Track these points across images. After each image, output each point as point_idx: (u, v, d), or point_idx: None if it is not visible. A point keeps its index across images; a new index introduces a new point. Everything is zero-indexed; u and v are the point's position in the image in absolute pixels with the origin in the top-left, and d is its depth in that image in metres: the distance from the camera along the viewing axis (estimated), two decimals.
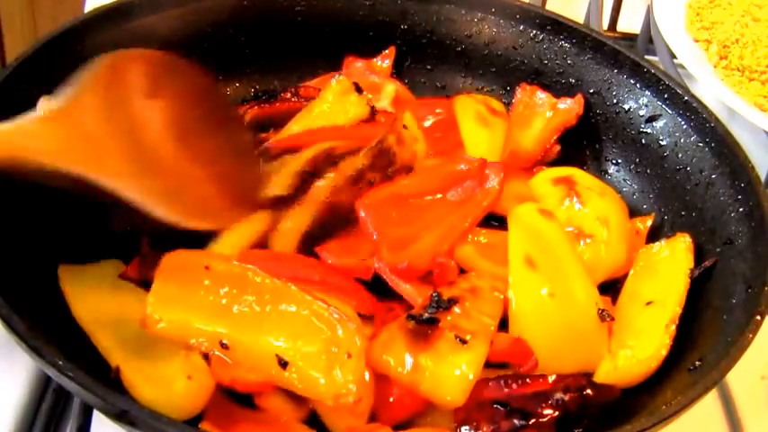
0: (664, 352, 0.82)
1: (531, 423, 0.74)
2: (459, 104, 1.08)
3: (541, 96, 1.08)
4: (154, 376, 0.75)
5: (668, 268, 0.90)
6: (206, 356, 0.76)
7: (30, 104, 0.90)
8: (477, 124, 1.05)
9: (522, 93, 1.09)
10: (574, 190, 0.95)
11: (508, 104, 1.10)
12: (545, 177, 1.00)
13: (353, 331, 0.74)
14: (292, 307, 0.75)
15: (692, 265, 0.89)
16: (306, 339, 0.74)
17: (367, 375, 0.76)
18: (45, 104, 0.81)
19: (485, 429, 0.74)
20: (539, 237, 0.89)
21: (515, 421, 0.74)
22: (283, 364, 0.73)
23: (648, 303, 0.87)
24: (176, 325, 0.75)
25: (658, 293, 0.87)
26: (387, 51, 1.13)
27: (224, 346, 0.74)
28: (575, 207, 0.94)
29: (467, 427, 0.75)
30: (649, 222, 0.98)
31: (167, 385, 0.74)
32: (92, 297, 0.82)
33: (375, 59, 1.12)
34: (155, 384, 0.74)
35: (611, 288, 0.91)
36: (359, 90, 1.02)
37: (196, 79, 0.93)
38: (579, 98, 1.06)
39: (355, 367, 0.73)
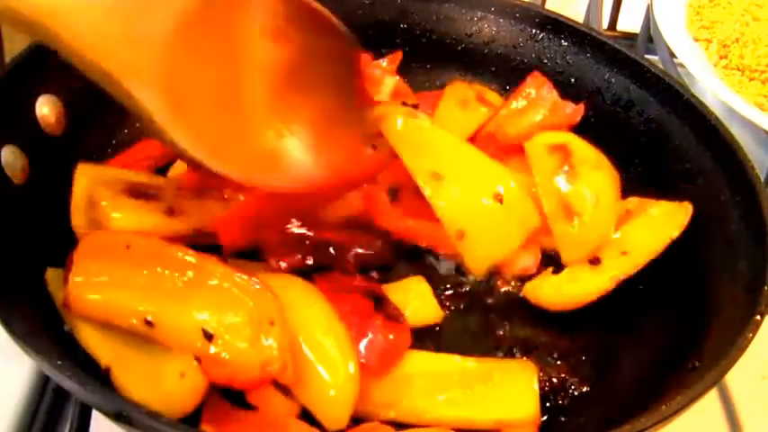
0: (603, 284, 0.87)
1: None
2: (449, 88, 1.09)
3: (547, 92, 1.07)
4: (145, 375, 0.75)
5: (656, 227, 0.91)
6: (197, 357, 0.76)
7: (27, 105, 0.90)
8: (456, 106, 1.06)
9: (532, 81, 1.08)
10: (568, 162, 0.95)
11: None
12: (541, 142, 0.98)
13: (273, 299, 0.76)
14: (214, 281, 0.77)
15: (676, 234, 0.90)
16: (229, 311, 0.76)
17: None
18: None
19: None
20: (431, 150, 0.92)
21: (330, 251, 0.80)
22: (209, 337, 0.74)
23: (624, 253, 0.89)
24: (99, 305, 0.76)
25: (636, 247, 0.90)
26: (393, 54, 1.13)
27: (149, 324, 0.75)
28: (567, 180, 0.94)
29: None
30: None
31: (159, 384, 0.74)
32: None
33: (381, 60, 1.12)
34: (146, 383, 0.74)
35: None
36: None
37: (331, 39, 0.84)
38: (580, 107, 1.05)
39: (279, 334, 0.74)
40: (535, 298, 0.91)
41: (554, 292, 0.89)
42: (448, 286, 0.93)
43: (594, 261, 0.90)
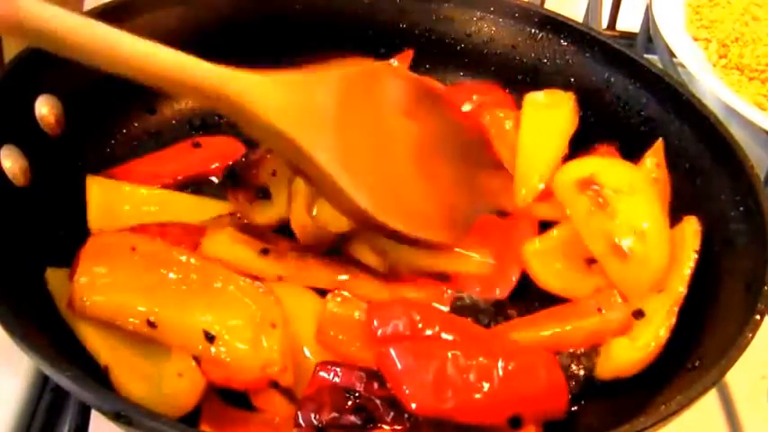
0: (662, 334, 0.82)
1: (370, 427, 0.73)
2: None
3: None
4: (144, 375, 0.75)
5: (677, 253, 0.88)
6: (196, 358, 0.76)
7: (27, 104, 0.90)
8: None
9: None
10: (601, 195, 0.89)
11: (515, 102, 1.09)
12: (567, 180, 0.93)
13: (276, 302, 0.77)
14: (218, 283, 0.78)
15: (697, 246, 0.88)
16: (231, 313, 0.77)
17: None
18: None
19: (325, 414, 0.73)
20: None
21: (354, 419, 0.73)
22: (210, 339, 0.75)
23: (659, 291, 0.86)
24: (103, 305, 0.76)
25: (668, 280, 0.86)
26: (404, 53, 1.13)
27: (151, 325, 0.76)
28: (606, 217, 0.88)
29: (311, 405, 0.73)
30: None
31: (158, 383, 0.74)
32: None
33: (392, 60, 1.12)
34: (145, 383, 0.75)
35: None
36: None
37: (453, 117, 0.95)
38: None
39: (280, 337, 0.75)
40: (612, 374, 0.83)
41: (629, 363, 0.82)
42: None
43: (638, 314, 0.85)
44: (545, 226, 0.95)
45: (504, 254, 0.93)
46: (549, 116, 1.03)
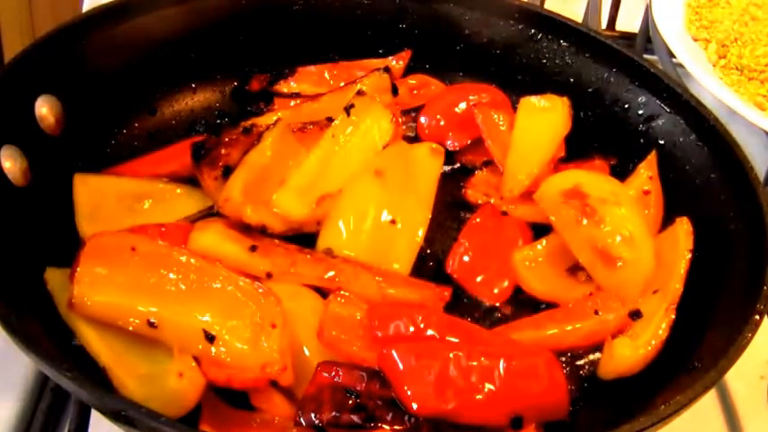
0: (662, 333, 0.82)
1: (369, 426, 0.73)
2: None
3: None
4: (144, 375, 0.75)
5: (670, 253, 0.89)
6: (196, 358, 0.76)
7: (27, 104, 0.90)
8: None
9: None
10: (588, 205, 0.89)
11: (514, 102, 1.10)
12: (552, 191, 0.92)
13: (276, 302, 0.77)
14: (217, 283, 0.78)
15: (691, 246, 0.88)
16: (231, 313, 0.77)
17: None
18: None
19: (325, 413, 0.73)
20: None
21: (354, 418, 0.73)
22: (210, 339, 0.76)
23: (655, 292, 0.87)
24: (104, 306, 0.77)
25: (663, 281, 0.87)
26: (402, 53, 1.13)
27: (152, 325, 0.76)
28: (594, 226, 0.88)
29: (311, 404, 0.73)
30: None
31: (158, 383, 0.74)
32: None
33: (390, 58, 1.12)
34: (146, 383, 0.75)
35: None
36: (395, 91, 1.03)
37: None
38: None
39: (279, 337, 0.76)
40: (615, 373, 0.83)
41: (631, 362, 0.82)
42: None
43: (636, 314, 0.86)
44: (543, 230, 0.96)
45: (503, 256, 0.94)
46: (542, 119, 1.03)
